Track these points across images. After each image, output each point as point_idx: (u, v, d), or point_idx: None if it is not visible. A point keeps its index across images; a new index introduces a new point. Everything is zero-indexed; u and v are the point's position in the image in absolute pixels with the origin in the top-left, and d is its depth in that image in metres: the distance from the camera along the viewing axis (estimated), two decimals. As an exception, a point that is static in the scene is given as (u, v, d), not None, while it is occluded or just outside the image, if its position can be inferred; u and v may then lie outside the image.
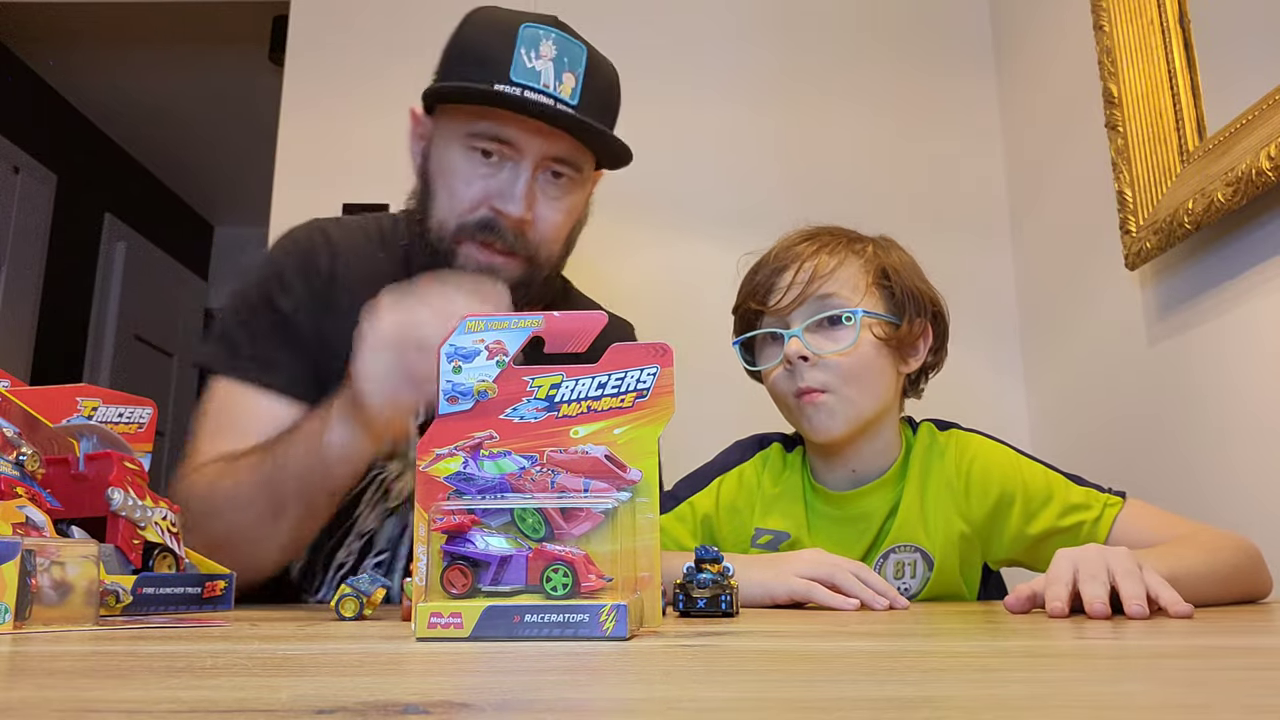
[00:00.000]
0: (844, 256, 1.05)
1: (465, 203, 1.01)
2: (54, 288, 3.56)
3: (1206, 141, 1.22)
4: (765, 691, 0.37)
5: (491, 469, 0.58)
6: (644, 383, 0.59)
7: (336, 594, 0.77)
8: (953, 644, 0.55)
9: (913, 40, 1.96)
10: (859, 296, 1.03)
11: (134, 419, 0.88)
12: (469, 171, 1.01)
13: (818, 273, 1.03)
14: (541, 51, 0.99)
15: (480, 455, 0.58)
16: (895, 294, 1.05)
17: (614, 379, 0.59)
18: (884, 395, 1.05)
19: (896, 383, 1.07)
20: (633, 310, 1.85)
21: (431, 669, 0.43)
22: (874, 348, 1.03)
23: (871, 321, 1.03)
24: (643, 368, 0.59)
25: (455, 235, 1.01)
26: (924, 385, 1.11)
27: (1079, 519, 0.98)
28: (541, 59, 0.99)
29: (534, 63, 0.99)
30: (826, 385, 1.02)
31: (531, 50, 0.99)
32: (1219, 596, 0.86)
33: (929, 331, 1.07)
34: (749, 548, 1.09)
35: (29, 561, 0.58)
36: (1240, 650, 0.52)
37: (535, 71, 0.98)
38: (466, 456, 0.58)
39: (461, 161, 1.01)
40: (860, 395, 1.03)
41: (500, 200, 1.00)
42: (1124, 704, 0.33)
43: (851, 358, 1.02)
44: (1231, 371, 1.20)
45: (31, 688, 0.37)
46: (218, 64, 3.37)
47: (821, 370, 1.02)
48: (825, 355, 1.01)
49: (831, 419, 1.02)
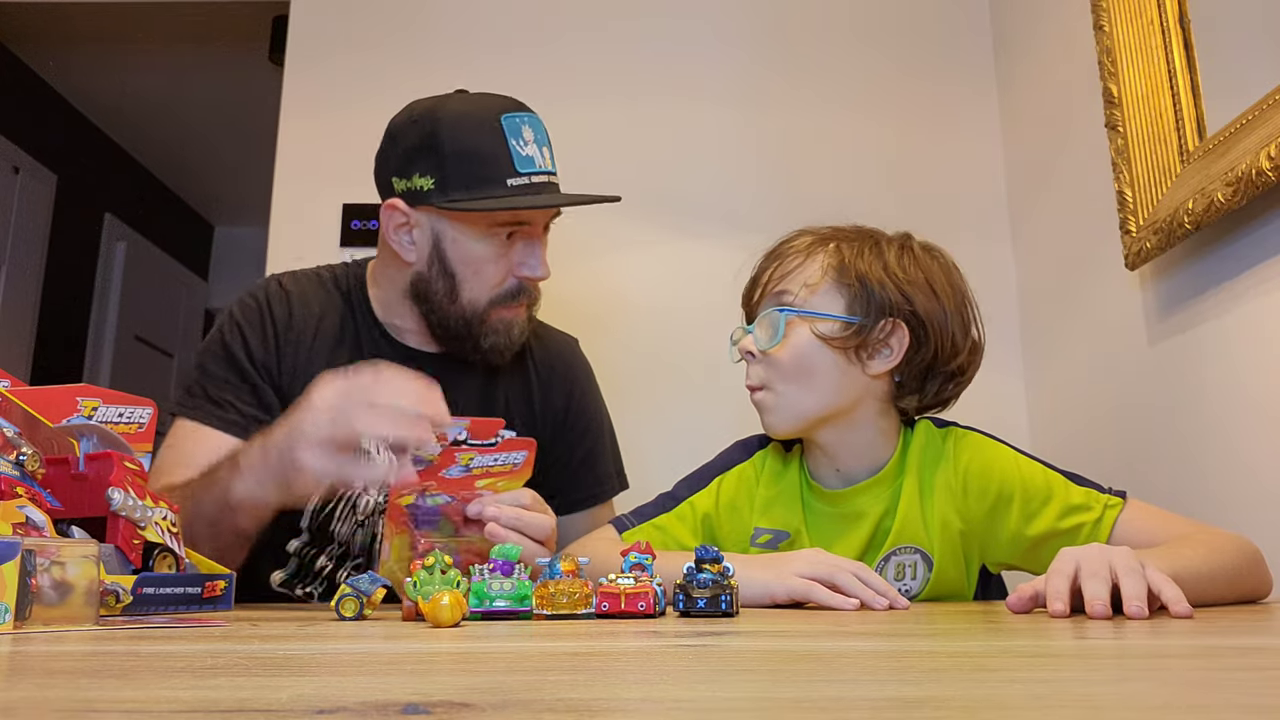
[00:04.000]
0: (810, 254, 1.06)
1: (495, 279, 1.16)
2: (54, 288, 3.56)
3: (1206, 141, 1.22)
4: (765, 691, 0.37)
5: (431, 502, 0.94)
6: (516, 460, 0.99)
7: (336, 594, 0.77)
8: (953, 644, 0.55)
9: (913, 41, 1.96)
10: (805, 294, 1.04)
11: (134, 419, 0.88)
12: (494, 253, 1.15)
13: (779, 271, 1.07)
14: (525, 136, 1.14)
15: (425, 495, 0.94)
16: (854, 294, 1.03)
17: (501, 457, 0.98)
18: (833, 393, 1.04)
19: (860, 383, 1.04)
20: (633, 309, 1.86)
21: (431, 669, 0.43)
22: (813, 345, 1.03)
23: (811, 319, 1.03)
24: (519, 452, 0.99)
25: (488, 307, 1.16)
26: (935, 391, 1.06)
27: (1079, 520, 0.98)
28: (528, 144, 1.14)
29: (525, 149, 1.13)
30: (765, 382, 1.05)
31: (517, 139, 1.13)
32: (1220, 596, 0.86)
33: (901, 332, 1.03)
34: (749, 546, 1.09)
35: (29, 561, 0.58)
36: (1240, 650, 0.52)
37: (530, 158, 1.13)
38: (417, 496, 0.93)
39: (486, 248, 1.14)
40: (799, 392, 1.04)
41: (527, 269, 1.16)
42: (1124, 704, 0.33)
43: (785, 353, 1.03)
44: (1231, 371, 1.20)
45: (31, 688, 0.37)
46: (218, 64, 3.36)
47: (762, 366, 1.05)
48: (765, 352, 1.04)
49: (772, 415, 1.06)
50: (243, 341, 1.17)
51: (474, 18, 1.97)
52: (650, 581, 0.78)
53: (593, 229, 1.86)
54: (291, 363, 1.17)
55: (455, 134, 1.12)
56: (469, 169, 1.11)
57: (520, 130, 1.13)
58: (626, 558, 0.79)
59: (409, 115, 1.17)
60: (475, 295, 1.15)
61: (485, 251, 1.14)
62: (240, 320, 1.18)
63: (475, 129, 1.12)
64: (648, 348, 1.83)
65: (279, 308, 1.19)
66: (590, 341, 1.44)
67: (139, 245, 4.13)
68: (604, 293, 1.86)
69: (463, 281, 1.15)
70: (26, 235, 3.41)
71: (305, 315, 1.20)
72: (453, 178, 1.11)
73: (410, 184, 1.13)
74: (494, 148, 1.11)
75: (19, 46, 3.36)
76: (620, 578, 0.78)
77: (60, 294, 3.61)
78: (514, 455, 0.98)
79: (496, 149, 1.11)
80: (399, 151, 1.15)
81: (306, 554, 1.15)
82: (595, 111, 1.92)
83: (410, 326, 1.21)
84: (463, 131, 1.12)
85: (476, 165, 1.11)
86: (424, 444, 0.88)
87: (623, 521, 1.12)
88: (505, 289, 1.16)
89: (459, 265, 1.15)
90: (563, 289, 1.85)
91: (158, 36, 3.24)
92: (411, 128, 1.14)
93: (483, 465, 0.96)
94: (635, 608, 0.76)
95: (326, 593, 1.15)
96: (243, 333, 1.17)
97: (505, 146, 1.12)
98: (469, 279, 1.15)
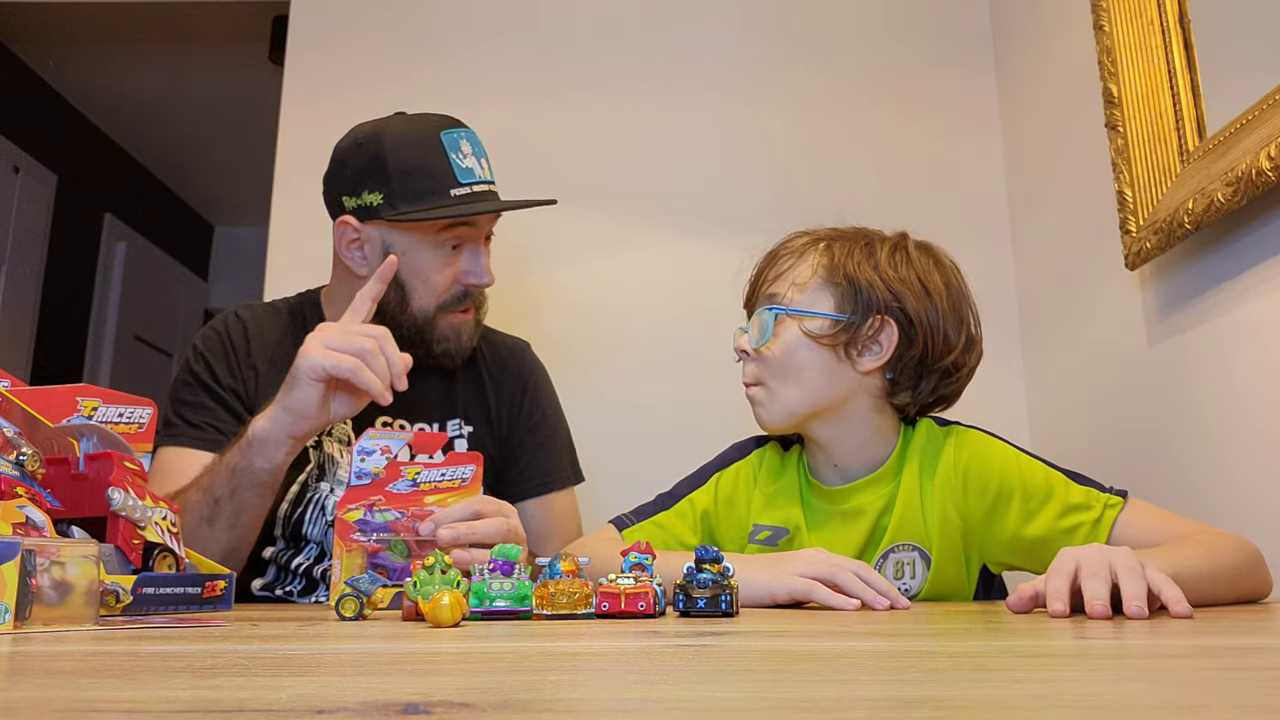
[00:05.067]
0: (803, 255, 1.09)
1: (442, 287, 1.22)
2: (54, 288, 3.55)
3: (1206, 141, 1.22)
4: (765, 691, 0.37)
5: (379, 518, 0.96)
6: (465, 475, 1.01)
7: (337, 594, 0.77)
8: (953, 644, 0.55)
9: (912, 40, 1.95)
10: (794, 293, 1.06)
11: (134, 419, 0.88)
12: (441, 262, 1.22)
13: (772, 272, 1.10)
14: (463, 150, 1.21)
15: (373, 509, 0.96)
16: (842, 292, 1.04)
17: (449, 472, 1.00)
18: (822, 389, 1.05)
19: (850, 380, 1.05)
20: (632, 309, 1.85)
21: (431, 669, 0.43)
22: (801, 343, 1.05)
23: (800, 318, 1.05)
24: (467, 466, 1.01)
25: (435, 313, 1.23)
26: (930, 387, 1.07)
27: (1078, 520, 0.98)
28: (466, 156, 1.21)
29: (465, 161, 1.21)
30: (757, 379, 1.08)
31: (456, 152, 1.20)
32: (1220, 596, 0.86)
33: (890, 329, 1.04)
34: (748, 543, 1.10)
35: (29, 561, 0.58)
36: (1240, 650, 0.52)
37: (470, 170, 1.21)
38: (365, 510, 0.95)
39: (433, 258, 1.21)
40: (790, 390, 1.06)
41: (473, 277, 1.23)
42: (1124, 704, 0.33)
43: (775, 353, 1.06)
44: (1231, 371, 1.20)
45: (31, 688, 0.37)
46: (218, 64, 3.36)
47: (754, 364, 1.08)
48: (757, 350, 1.07)
49: (764, 410, 1.08)
50: (208, 367, 1.24)
51: (474, 17, 1.97)
52: (650, 581, 0.78)
53: (592, 229, 1.86)
54: (254, 385, 1.24)
55: (399, 152, 1.19)
56: (414, 183, 1.18)
57: (459, 144, 1.21)
58: (626, 558, 0.80)
59: (354, 139, 1.23)
60: (424, 303, 1.22)
61: (433, 261, 1.21)
62: (204, 350, 1.25)
63: (417, 145, 1.20)
64: (648, 348, 1.83)
65: (237, 336, 1.26)
66: (590, 341, 1.44)
67: (139, 245, 4.13)
68: (604, 292, 1.86)
69: (412, 291, 1.21)
70: (26, 235, 3.41)
71: (261, 343, 1.26)
72: (400, 192, 1.18)
73: (360, 201, 1.20)
74: (436, 162, 1.19)
75: (19, 46, 3.36)
76: (620, 578, 0.78)
77: (60, 294, 3.60)
78: (462, 470, 1.02)
79: (438, 163, 1.19)
80: (347, 174, 1.21)
81: (282, 559, 1.21)
82: (595, 111, 1.92)
83: None
84: (406, 149, 1.19)
85: (421, 179, 1.18)
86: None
87: (623, 520, 1.13)
88: (452, 295, 1.23)
89: (408, 276, 1.21)
90: (563, 288, 1.85)
91: (157, 36, 3.24)
92: (358, 150, 1.21)
93: (431, 480, 0.99)
94: (635, 608, 0.76)
95: (306, 589, 1.21)
96: (207, 360, 1.24)
97: (446, 160, 1.19)
98: (418, 288, 1.21)
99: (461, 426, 1.30)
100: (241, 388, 1.23)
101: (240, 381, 1.23)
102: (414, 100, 1.36)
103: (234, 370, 1.24)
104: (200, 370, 1.23)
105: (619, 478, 1.39)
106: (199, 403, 1.21)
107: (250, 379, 1.24)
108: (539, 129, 1.90)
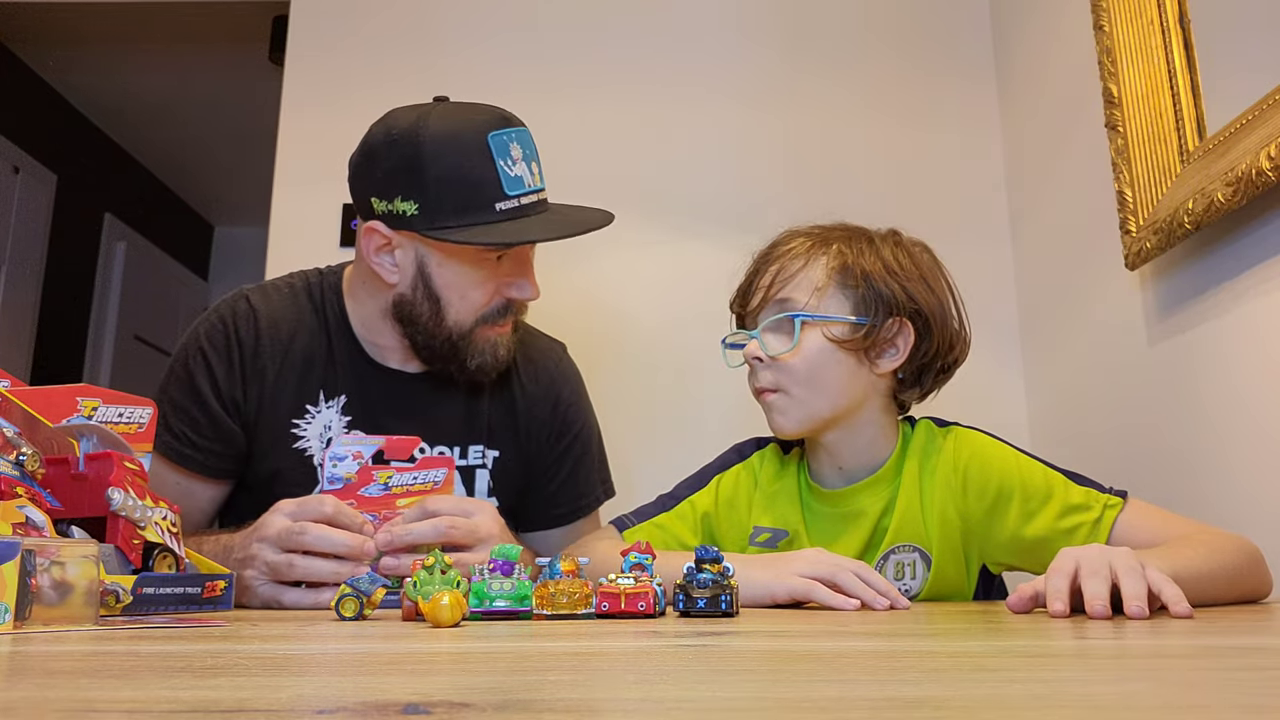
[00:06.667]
0: (810, 258, 1.07)
1: (482, 300, 1.13)
2: (54, 288, 3.55)
3: (1206, 141, 1.22)
4: (765, 691, 0.37)
5: None
6: (437, 479, 1.02)
7: (336, 593, 0.77)
8: (952, 644, 0.55)
9: (912, 40, 1.95)
10: (814, 299, 1.04)
11: (134, 419, 0.88)
12: (482, 275, 1.12)
13: (780, 276, 1.07)
14: (513, 154, 1.09)
15: None
16: (861, 295, 1.04)
17: (421, 475, 1.01)
18: (844, 395, 1.05)
19: (867, 382, 1.06)
20: (631, 309, 1.85)
21: (431, 669, 0.43)
22: (826, 349, 1.03)
23: (823, 324, 1.03)
24: (438, 470, 1.02)
25: (473, 327, 1.13)
26: (930, 383, 1.09)
27: (1078, 521, 0.98)
28: (516, 162, 1.09)
29: (514, 169, 1.08)
30: (777, 385, 1.06)
31: (505, 158, 1.08)
32: (1220, 596, 0.86)
33: (907, 330, 1.05)
34: (748, 545, 1.09)
35: (29, 561, 0.58)
36: (1240, 650, 0.52)
37: (519, 178, 1.09)
38: None
39: (473, 273, 1.11)
40: (811, 395, 1.04)
41: (516, 290, 1.14)
42: (1124, 704, 0.33)
43: (799, 359, 1.04)
44: (1231, 371, 1.20)
45: (31, 688, 0.37)
46: (218, 64, 3.36)
47: (773, 371, 1.05)
48: (775, 357, 1.04)
49: (784, 417, 1.06)
50: (208, 371, 1.15)
51: (474, 16, 1.97)
52: (650, 581, 0.78)
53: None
54: (258, 391, 1.15)
55: (439, 157, 1.05)
56: (455, 195, 1.06)
57: (508, 148, 1.08)
58: (626, 558, 0.79)
59: (387, 133, 1.09)
60: (461, 317, 1.12)
61: (473, 276, 1.11)
62: (206, 348, 1.16)
63: (460, 150, 1.06)
64: (648, 349, 1.83)
65: (246, 332, 1.16)
66: (589, 341, 1.44)
67: (139, 245, 4.13)
68: (604, 292, 1.86)
69: (448, 305, 1.12)
70: (26, 235, 3.41)
71: (274, 340, 1.16)
72: (437, 204, 1.06)
73: (392, 207, 1.08)
74: (481, 171, 1.06)
75: (19, 46, 3.36)
76: (620, 578, 0.78)
77: (60, 294, 3.60)
78: (434, 473, 1.01)
79: (484, 172, 1.06)
80: (379, 172, 1.09)
81: None
82: (595, 111, 1.92)
83: (391, 345, 1.18)
84: (447, 154, 1.06)
85: (463, 190, 1.06)
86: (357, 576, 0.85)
87: (623, 521, 1.13)
88: (493, 308, 1.13)
89: (445, 290, 1.11)
90: (563, 289, 1.85)
91: (158, 37, 3.24)
92: (392, 148, 1.08)
93: (403, 484, 0.99)
94: (635, 608, 0.76)
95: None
96: (208, 361, 1.15)
97: (493, 169, 1.06)
98: (455, 302, 1.12)
99: (485, 453, 1.22)
100: (241, 397, 1.15)
101: (241, 389, 1.15)
102: (414, 100, 1.36)
103: (235, 375, 1.15)
104: (197, 371, 1.15)
105: (619, 478, 1.38)
106: (186, 409, 1.14)
107: (254, 384, 1.15)
108: (538, 129, 1.87)
